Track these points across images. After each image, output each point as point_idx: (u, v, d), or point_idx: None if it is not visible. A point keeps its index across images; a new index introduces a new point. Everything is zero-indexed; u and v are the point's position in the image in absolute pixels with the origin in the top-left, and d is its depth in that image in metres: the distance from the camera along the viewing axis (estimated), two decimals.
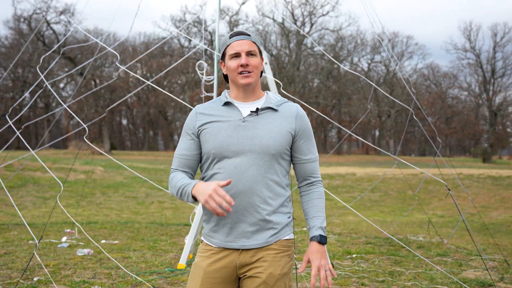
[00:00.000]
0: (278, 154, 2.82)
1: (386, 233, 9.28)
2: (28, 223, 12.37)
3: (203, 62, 8.09)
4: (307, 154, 2.93)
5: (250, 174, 2.79)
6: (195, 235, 7.44)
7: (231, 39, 2.85)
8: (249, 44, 2.83)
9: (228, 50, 2.86)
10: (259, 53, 2.89)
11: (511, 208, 19.96)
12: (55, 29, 56.99)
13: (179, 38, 63.97)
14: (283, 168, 2.89)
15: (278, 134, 2.81)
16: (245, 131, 2.82)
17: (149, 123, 79.15)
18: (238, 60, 2.81)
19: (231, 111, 2.88)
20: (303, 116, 2.92)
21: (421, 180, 25.46)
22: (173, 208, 18.49)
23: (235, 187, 2.79)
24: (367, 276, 6.81)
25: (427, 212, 18.84)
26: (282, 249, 2.87)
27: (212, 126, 2.86)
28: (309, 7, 63.78)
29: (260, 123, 2.83)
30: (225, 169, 2.82)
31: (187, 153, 2.94)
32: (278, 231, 2.85)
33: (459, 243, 9.84)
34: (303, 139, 2.90)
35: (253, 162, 2.79)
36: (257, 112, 2.84)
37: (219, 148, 2.81)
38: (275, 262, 2.83)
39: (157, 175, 28.43)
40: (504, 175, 27.14)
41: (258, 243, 2.82)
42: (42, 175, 23.57)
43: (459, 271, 7.24)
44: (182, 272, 7.01)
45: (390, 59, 53.31)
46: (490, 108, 65.46)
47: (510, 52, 65.82)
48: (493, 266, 7.56)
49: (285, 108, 2.90)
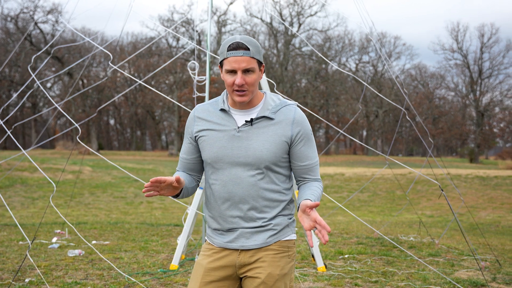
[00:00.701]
0: (274, 164, 2.81)
1: (379, 233, 9.31)
2: (13, 223, 12.28)
3: (194, 62, 8.06)
4: (304, 160, 2.88)
5: (245, 186, 2.80)
6: (187, 236, 7.41)
7: (229, 52, 2.73)
8: (247, 61, 2.72)
9: (225, 63, 2.76)
10: (258, 64, 2.80)
11: (499, 208, 20.08)
12: (42, 28, 56.67)
13: (167, 38, 63.79)
14: (281, 174, 2.87)
15: (272, 144, 2.78)
16: (240, 142, 2.81)
17: (136, 123, 78.93)
18: (234, 77, 2.74)
19: (226, 119, 2.86)
20: (301, 121, 2.85)
21: (410, 180, 25.57)
22: (162, 208, 18.44)
23: (231, 199, 2.82)
24: (360, 277, 6.81)
25: (416, 212, 18.89)
26: (282, 250, 2.86)
27: (208, 135, 2.87)
28: (297, 7, 63.85)
29: (254, 134, 2.81)
30: (221, 180, 2.85)
31: (186, 157, 3.00)
32: (278, 231, 2.85)
33: (450, 243, 9.87)
34: (300, 144, 2.85)
35: (247, 173, 2.79)
36: (251, 123, 2.81)
37: (214, 158, 2.84)
38: (274, 262, 2.82)
39: (146, 175, 28.35)
40: (491, 175, 27.30)
41: (257, 243, 2.83)
42: (30, 175, 23.42)
43: (451, 271, 7.26)
44: (175, 273, 6.98)
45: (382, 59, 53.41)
46: (477, 109, 65.79)
47: (497, 53, 66.22)
48: (485, 266, 7.59)
49: (281, 115, 2.84)
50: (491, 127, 71.39)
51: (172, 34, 62.12)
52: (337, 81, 66.67)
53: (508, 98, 69.04)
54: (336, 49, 67.90)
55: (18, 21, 56.30)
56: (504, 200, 21.69)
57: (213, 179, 2.88)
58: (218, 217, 2.88)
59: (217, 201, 2.88)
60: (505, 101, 69.58)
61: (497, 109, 70.47)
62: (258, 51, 2.79)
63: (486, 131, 67.14)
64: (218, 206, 2.87)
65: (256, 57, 2.76)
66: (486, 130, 67.46)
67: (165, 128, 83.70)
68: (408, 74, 74.38)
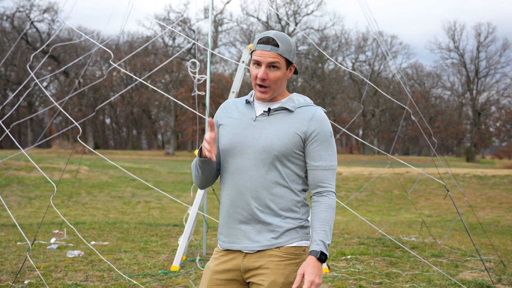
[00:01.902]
0: (283, 155, 2.71)
1: (383, 233, 9.22)
2: (12, 224, 12.17)
3: (195, 60, 7.97)
4: (318, 161, 2.76)
5: (251, 175, 2.73)
6: (188, 237, 7.32)
7: (258, 45, 2.74)
8: (273, 56, 2.70)
9: (253, 55, 2.76)
10: (287, 63, 2.77)
11: (498, 208, 20.03)
12: (39, 27, 56.48)
13: (163, 37, 63.64)
14: (293, 172, 2.77)
15: (284, 135, 2.71)
16: (254, 130, 2.77)
17: (132, 122, 78.81)
18: (258, 70, 2.73)
19: (247, 109, 2.85)
20: (320, 120, 2.76)
21: (408, 180, 25.52)
22: (160, 208, 18.35)
23: (236, 187, 2.77)
24: (364, 278, 6.72)
25: (415, 212, 18.83)
26: (288, 257, 2.75)
27: (227, 124, 2.86)
28: (293, 6, 63.77)
29: (269, 123, 2.76)
30: (228, 168, 2.81)
31: None
32: (280, 234, 2.74)
33: (452, 244, 9.80)
34: (315, 144, 2.75)
35: (254, 162, 2.73)
36: (269, 113, 2.77)
37: (228, 145, 2.80)
38: (278, 270, 2.73)
39: (143, 174, 28.27)
40: (489, 175, 27.27)
41: (259, 245, 2.74)
42: (27, 175, 23.30)
43: (455, 272, 7.18)
44: (176, 274, 6.89)
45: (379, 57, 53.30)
46: (473, 108, 65.82)
47: (494, 52, 66.25)
48: (489, 267, 7.52)
49: (302, 110, 2.79)
50: (487, 126, 71.46)
51: (168, 33, 62.03)
52: (334, 80, 66.64)
53: (505, 97, 69.15)
54: (333, 48, 67.84)
55: (14, 20, 56.09)
56: (503, 199, 21.64)
57: (223, 169, 2.85)
58: (225, 215, 2.83)
59: (225, 193, 2.83)
60: (502, 100, 69.71)
61: (493, 108, 70.55)
62: (289, 50, 2.74)
63: (482, 130, 67.18)
64: (226, 200, 2.81)
65: (284, 55, 2.72)
66: (482, 129, 67.50)
67: (161, 127, 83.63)
68: (404, 73, 74.38)
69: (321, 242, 2.66)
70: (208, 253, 8.37)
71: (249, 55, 7.35)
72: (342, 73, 68.88)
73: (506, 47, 64.95)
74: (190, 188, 5.22)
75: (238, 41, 64.13)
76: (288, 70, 2.80)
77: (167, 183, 25.42)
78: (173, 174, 29.47)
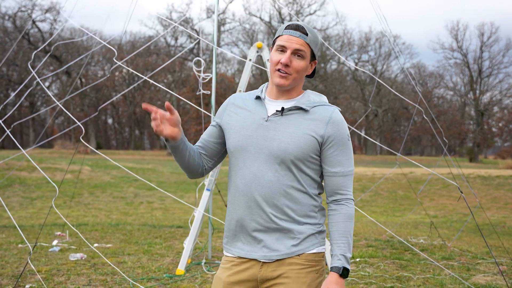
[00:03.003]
0: (299, 160, 2.55)
1: (397, 237, 9.07)
2: (12, 225, 12.01)
3: (200, 59, 7.80)
4: (335, 166, 2.60)
5: (267, 181, 2.56)
6: (194, 239, 7.14)
7: (286, 30, 2.58)
8: (300, 44, 2.55)
9: (278, 40, 2.59)
10: (311, 56, 2.62)
11: (503, 208, 19.83)
12: (41, 27, 56.37)
13: (166, 37, 63.51)
14: (308, 176, 2.60)
15: (300, 139, 2.54)
16: (266, 132, 2.59)
17: (135, 122, 78.64)
18: (281, 56, 2.56)
19: (258, 107, 2.66)
20: (338, 123, 2.60)
21: (411, 180, 25.33)
22: (163, 208, 18.17)
23: (249, 194, 2.58)
24: (375, 282, 6.55)
25: (419, 213, 18.65)
26: (308, 264, 2.60)
27: (236, 122, 2.67)
28: (296, 6, 63.60)
29: (283, 125, 2.58)
30: (241, 173, 2.62)
31: (204, 137, 2.81)
32: (300, 241, 2.58)
33: (462, 246, 9.62)
34: (332, 149, 2.59)
35: (270, 167, 2.55)
36: (282, 113, 2.58)
37: (238, 147, 2.63)
38: (299, 278, 2.57)
39: (145, 174, 28.10)
40: (493, 175, 27.07)
41: (279, 254, 2.57)
42: (29, 175, 23.14)
43: (468, 275, 7.00)
44: (182, 278, 6.71)
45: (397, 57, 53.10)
46: (477, 108, 65.58)
47: (497, 52, 66.03)
48: (502, 271, 7.33)
49: (318, 111, 2.61)
50: (490, 127, 71.24)
51: (171, 33, 61.91)
52: (336, 80, 66.44)
53: (508, 97, 68.91)
54: (335, 48, 67.66)
55: (16, 20, 55.97)
56: (508, 200, 21.44)
57: (233, 172, 2.67)
58: (237, 221, 2.64)
59: (236, 199, 2.64)
60: (505, 100, 69.48)
61: (496, 108, 70.32)
62: (316, 42, 2.61)
63: (485, 130, 66.97)
64: (238, 206, 2.63)
65: (311, 45, 2.58)
66: (485, 129, 67.29)
67: None
68: (407, 73, 74.23)
69: (342, 256, 2.54)
70: (213, 256, 8.20)
71: (256, 53, 7.19)
72: (345, 73, 68.74)
73: (510, 47, 64.70)
74: (193, 189, 5.12)
75: (241, 41, 64.02)
76: (311, 65, 2.66)
77: (170, 184, 25.24)
78: (176, 174, 29.27)
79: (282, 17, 62.64)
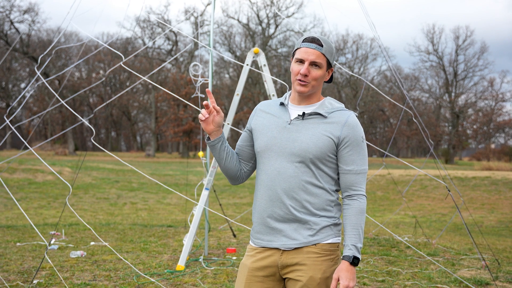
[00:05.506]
0: (317, 159, 2.85)
1: (393, 234, 9.42)
2: (5, 225, 12.17)
3: (197, 63, 8.09)
4: (350, 165, 2.90)
5: (288, 176, 2.85)
6: (193, 236, 7.43)
7: (303, 43, 2.88)
8: (317, 55, 2.85)
9: (296, 53, 2.90)
10: (327, 65, 2.92)
11: (480, 209, 20.34)
12: (18, 28, 55.95)
13: (143, 38, 63.49)
14: (325, 173, 2.91)
15: (319, 140, 2.84)
16: (289, 133, 2.90)
17: (111, 123, 78.41)
18: (300, 67, 2.87)
19: (282, 112, 2.99)
20: (353, 125, 2.90)
21: (390, 181, 25.78)
22: (147, 209, 18.36)
23: (272, 188, 2.88)
24: (367, 276, 6.90)
25: (399, 213, 19.08)
26: (324, 253, 2.89)
27: (262, 125, 3.00)
28: (274, 9, 63.95)
29: (304, 127, 2.89)
30: (265, 170, 2.94)
31: (239, 143, 3.15)
32: (316, 232, 2.87)
33: (444, 243, 10.01)
34: (347, 149, 2.89)
35: (291, 164, 2.86)
36: (303, 117, 2.90)
37: (264, 147, 2.94)
38: (315, 265, 2.86)
39: (126, 176, 28.18)
40: (469, 176, 27.63)
41: (297, 242, 2.86)
42: (10, 176, 23.16)
43: (453, 270, 7.38)
44: (183, 273, 7.00)
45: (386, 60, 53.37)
46: (452, 110, 66.46)
47: (472, 55, 66.93)
48: (485, 266, 7.73)
49: (335, 115, 2.92)
50: (464, 128, 72.24)
51: (148, 35, 61.92)
52: None
53: (482, 100, 69.99)
54: None
55: None
56: (484, 200, 21.99)
57: (259, 170, 2.99)
58: (260, 213, 2.94)
59: (260, 192, 2.95)
60: (479, 103, 70.52)
61: (470, 111, 71.30)
62: (330, 52, 2.92)
63: (460, 132, 67.89)
64: (262, 199, 2.93)
65: (326, 55, 2.88)
66: (460, 131, 68.21)
67: (140, 129, 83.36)
68: (383, 75, 74.96)
69: (353, 246, 2.82)
70: (210, 253, 8.49)
71: (252, 58, 7.49)
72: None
73: (484, 50, 65.68)
74: (173, 190, 5.41)
75: (218, 43, 64.17)
76: (328, 73, 2.97)
77: (151, 185, 25.37)
78: (156, 175, 29.37)
79: (260, 19, 62.97)
